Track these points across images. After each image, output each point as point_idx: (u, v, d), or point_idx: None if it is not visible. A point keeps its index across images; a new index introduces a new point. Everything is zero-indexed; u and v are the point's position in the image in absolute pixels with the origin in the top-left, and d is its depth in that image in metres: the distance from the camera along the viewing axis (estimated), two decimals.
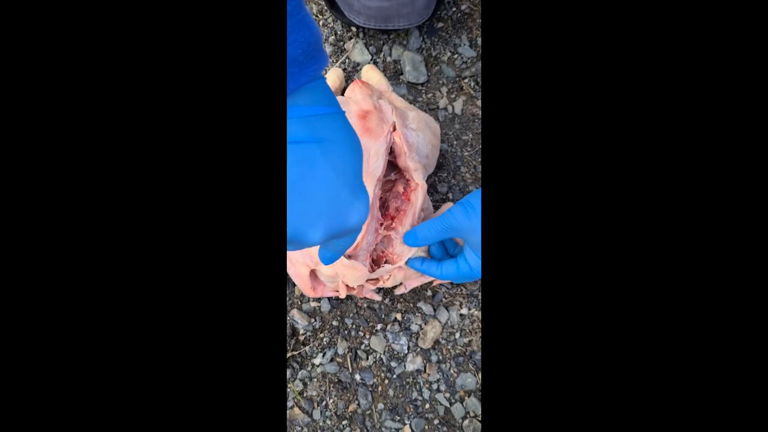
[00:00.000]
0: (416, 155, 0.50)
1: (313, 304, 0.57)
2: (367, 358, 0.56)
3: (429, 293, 0.57)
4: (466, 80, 0.62)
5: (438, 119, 0.61)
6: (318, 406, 0.55)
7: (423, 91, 0.62)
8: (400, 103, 0.55)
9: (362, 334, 0.56)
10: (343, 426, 0.54)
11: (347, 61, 0.62)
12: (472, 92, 0.61)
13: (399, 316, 0.57)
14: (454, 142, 0.60)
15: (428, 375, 0.55)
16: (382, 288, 0.56)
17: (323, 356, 0.56)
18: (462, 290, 0.57)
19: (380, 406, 0.55)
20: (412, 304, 0.57)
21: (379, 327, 0.56)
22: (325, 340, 0.56)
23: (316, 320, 0.57)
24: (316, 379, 0.55)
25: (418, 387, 0.55)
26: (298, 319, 0.56)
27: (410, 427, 0.54)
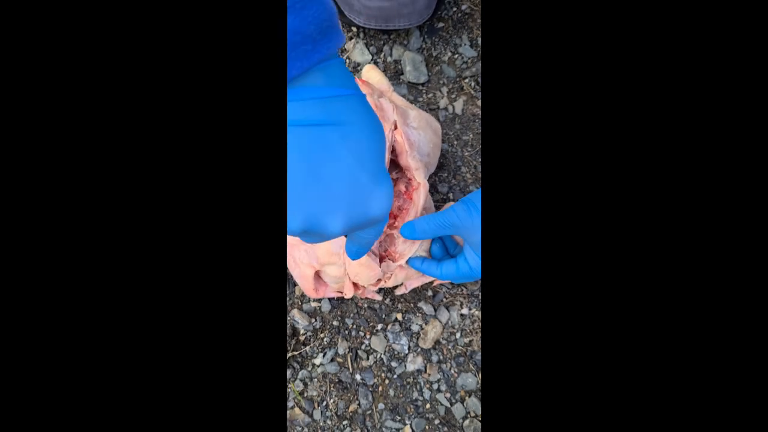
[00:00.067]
0: (417, 154, 0.50)
1: (314, 304, 0.57)
2: (368, 358, 0.56)
3: (429, 293, 0.57)
4: (466, 80, 0.62)
5: (438, 119, 0.61)
6: (318, 406, 0.55)
7: (423, 91, 0.62)
8: (401, 102, 0.55)
9: (363, 334, 0.56)
10: (344, 426, 0.54)
11: (348, 61, 0.62)
12: (472, 92, 0.61)
13: (399, 316, 0.56)
14: (455, 142, 0.60)
15: (429, 375, 0.55)
16: (383, 288, 0.55)
17: (324, 356, 0.56)
18: (462, 290, 0.57)
19: (381, 406, 0.55)
20: (412, 304, 0.57)
21: (379, 327, 0.56)
22: (325, 340, 0.56)
23: (316, 320, 0.57)
24: (316, 379, 0.55)
25: (418, 387, 0.55)
26: (298, 319, 0.56)
27: (411, 427, 0.54)
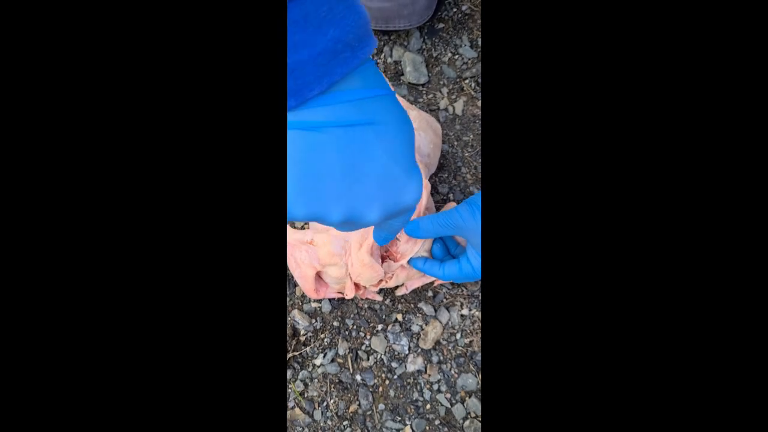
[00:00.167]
0: (418, 155, 0.50)
1: (314, 305, 0.57)
2: (368, 359, 0.56)
3: (430, 294, 0.57)
4: (466, 81, 0.62)
5: (439, 120, 0.61)
6: (319, 406, 0.55)
7: (424, 92, 0.62)
8: (402, 102, 0.55)
9: (363, 335, 0.56)
10: (344, 426, 0.54)
11: None
12: (472, 93, 0.61)
13: (400, 317, 0.57)
14: (455, 143, 0.60)
15: (429, 375, 0.55)
16: (384, 288, 0.55)
17: (324, 357, 0.56)
18: (463, 291, 0.57)
19: (381, 406, 0.55)
20: (412, 305, 0.57)
21: (379, 327, 0.56)
22: (326, 340, 0.56)
23: (317, 321, 0.57)
24: (317, 380, 0.55)
25: (419, 387, 0.55)
26: (299, 319, 0.56)
27: (411, 427, 0.54)
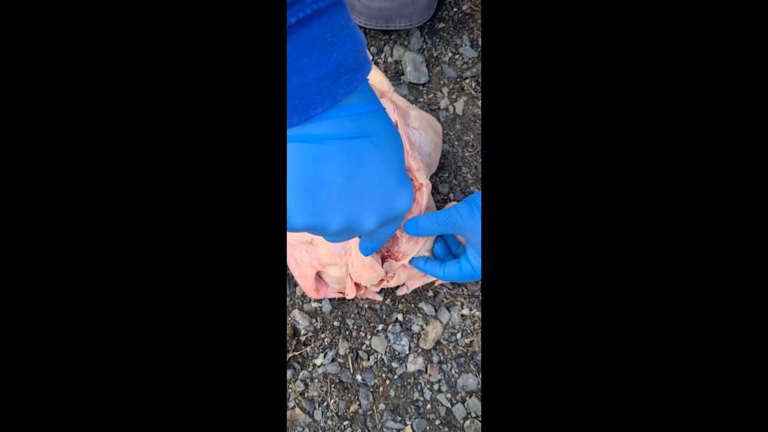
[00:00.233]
0: (418, 154, 0.50)
1: (315, 305, 0.57)
2: (369, 359, 0.56)
3: (430, 294, 0.57)
4: (467, 80, 0.62)
5: (439, 120, 0.61)
6: (319, 406, 0.55)
7: (424, 92, 0.62)
8: (402, 102, 0.55)
9: (363, 335, 0.56)
10: (345, 426, 0.54)
11: None
12: (473, 92, 0.61)
13: (400, 317, 0.56)
14: (456, 143, 0.60)
15: (429, 375, 0.55)
16: (384, 288, 0.55)
17: (324, 357, 0.56)
18: (463, 291, 0.57)
19: (381, 406, 0.55)
20: (413, 305, 0.57)
21: (380, 327, 0.56)
22: (326, 340, 0.56)
23: (317, 320, 0.57)
24: (317, 380, 0.55)
25: (419, 387, 0.55)
26: (299, 319, 0.56)
27: (411, 427, 0.54)
